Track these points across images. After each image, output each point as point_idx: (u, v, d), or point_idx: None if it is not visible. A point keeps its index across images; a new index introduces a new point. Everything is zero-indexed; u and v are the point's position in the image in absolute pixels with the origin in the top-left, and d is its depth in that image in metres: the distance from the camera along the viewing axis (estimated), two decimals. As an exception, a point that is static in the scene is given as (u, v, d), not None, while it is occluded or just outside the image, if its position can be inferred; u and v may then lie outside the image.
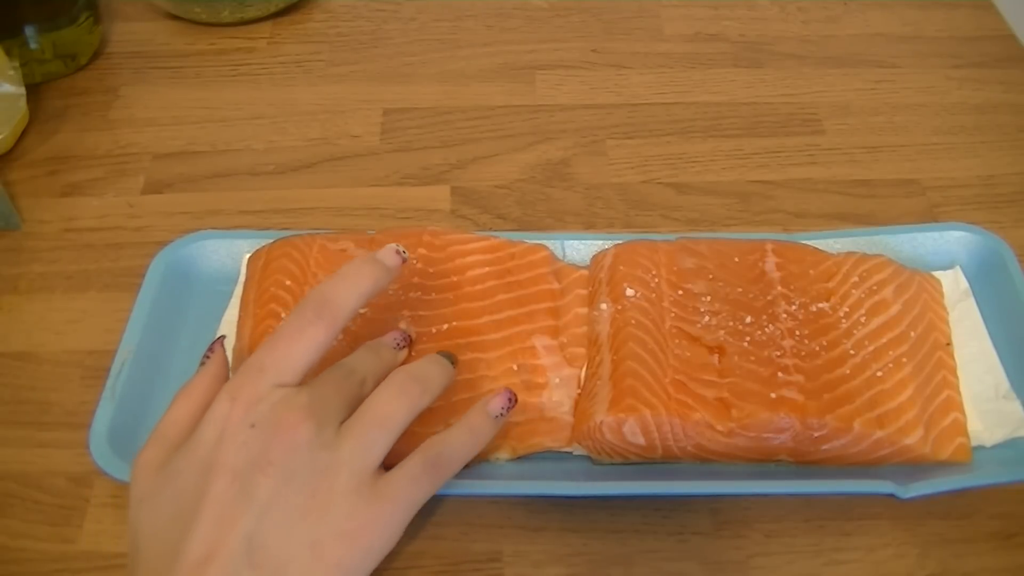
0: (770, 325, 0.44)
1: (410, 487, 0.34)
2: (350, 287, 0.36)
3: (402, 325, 0.42)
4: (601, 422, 0.40)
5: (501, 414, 0.37)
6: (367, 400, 0.35)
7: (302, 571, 0.32)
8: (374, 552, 0.33)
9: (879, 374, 0.42)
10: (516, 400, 0.38)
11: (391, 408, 0.35)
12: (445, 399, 0.41)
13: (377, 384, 0.36)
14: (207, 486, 0.32)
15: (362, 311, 0.44)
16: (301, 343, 0.35)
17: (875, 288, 0.45)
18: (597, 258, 0.48)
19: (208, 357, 0.38)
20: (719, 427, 0.40)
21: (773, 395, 0.41)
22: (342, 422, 0.34)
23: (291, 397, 0.34)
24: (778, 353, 0.42)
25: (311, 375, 0.35)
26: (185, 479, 0.33)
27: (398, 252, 0.38)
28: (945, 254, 0.49)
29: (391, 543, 0.34)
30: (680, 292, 0.45)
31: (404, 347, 0.41)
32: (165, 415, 0.36)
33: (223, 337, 0.39)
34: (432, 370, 0.37)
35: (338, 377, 0.36)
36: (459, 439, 0.36)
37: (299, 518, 0.32)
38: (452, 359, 0.40)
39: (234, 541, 0.31)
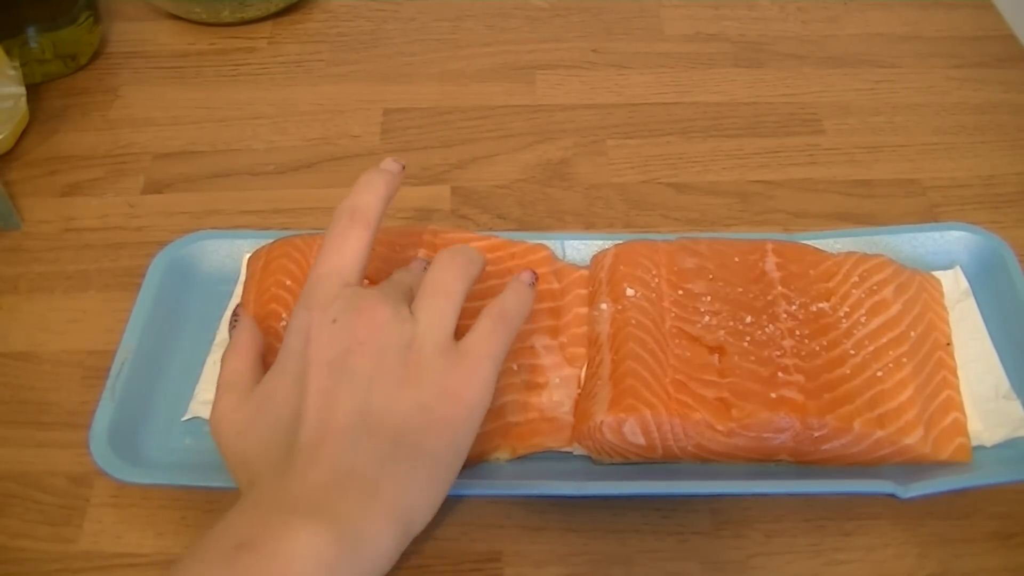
0: (770, 325, 0.44)
1: (488, 341, 0.36)
2: (370, 191, 0.39)
3: (421, 253, 0.44)
4: (601, 422, 0.40)
5: (532, 282, 0.39)
6: (424, 279, 0.37)
7: (418, 430, 0.33)
8: (476, 407, 0.35)
9: (879, 374, 0.42)
10: (538, 277, 0.40)
11: (449, 276, 0.37)
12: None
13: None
14: (306, 384, 0.34)
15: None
16: (347, 246, 0.37)
17: (875, 288, 0.45)
18: (597, 258, 0.48)
19: (236, 318, 0.39)
20: (719, 427, 0.40)
21: (773, 395, 0.41)
22: (411, 304, 0.37)
23: (361, 291, 0.36)
24: (778, 353, 0.42)
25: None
26: (282, 391, 0.35)
27: (395, 161, 0.41)
28: (945, 254, 0.49)
29: (487, 397, 0.35)
30: (680, 292, 0.45)
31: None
32: (221, 370, 0.37)
33: (239, 305, 0.41)
34: (468, 249, 0.39)
35: (396, 276, 0.40)
36: (512, 295, 0.38)
37: (401, 385, 0.34)
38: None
39: (345, 417, 0.33)
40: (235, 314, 0.40)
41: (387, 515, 0.31)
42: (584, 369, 0.44)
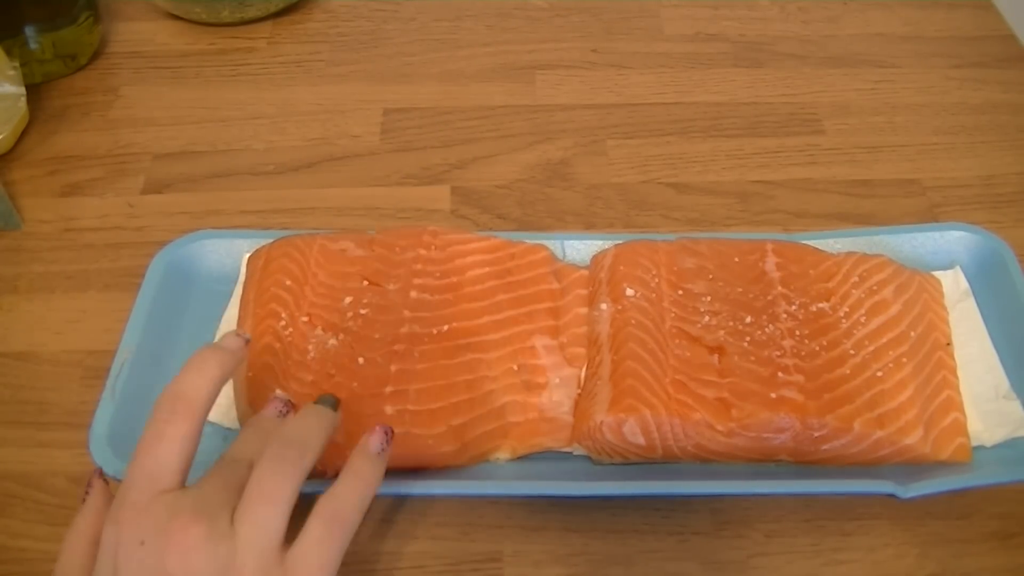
0: (770, 325, 0.44)
1: (318, 551, 0.32)
2: (197, 376, 0.34)
3: (279, 392, 0.39)
4: (601, 422, 0.40)
5: (382, 449, 0.36)
6: (249, 481, 0.33)
7: None
8: None
9: (879, 374, 0.42)
10: (392, 433, 0.37)
11: (274, 482, 0.33)
12: (445, 400, 0.41)
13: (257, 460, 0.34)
14: None
15: (362, 311, 0.44)
16: (164, 443, 0.33)
17: (875, 288, 0.45)
18: (597, 258, 0.48)
19: (88, 492, 0.35)
20: (719, 427, 0.40)
21: (773, 395, 0.41)
22: (234, 510, 0.32)
23: (173, 502, 0.32)
24: (778, 353, 0.42)
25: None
26: None
27: (239, 335, 0.37)
28: (945, 254, 0.49)
29: None
30: (680, 292, 0.45)
31: (286, 414, 0.38)
32: (57, 562, 0.34)
33: (100, 469, 0.36)
34: (307, 424, 0.35)
35: (222, 468, 0.34)
36: (349, 488, 0.34)
37: None
38: (334, 403, 0.37)
39: None
40: (89, 483, 0.35)
41: None
42: (584, 369, 0.44)
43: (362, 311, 0.44)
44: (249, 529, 0.31)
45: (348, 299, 0.45)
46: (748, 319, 0.44)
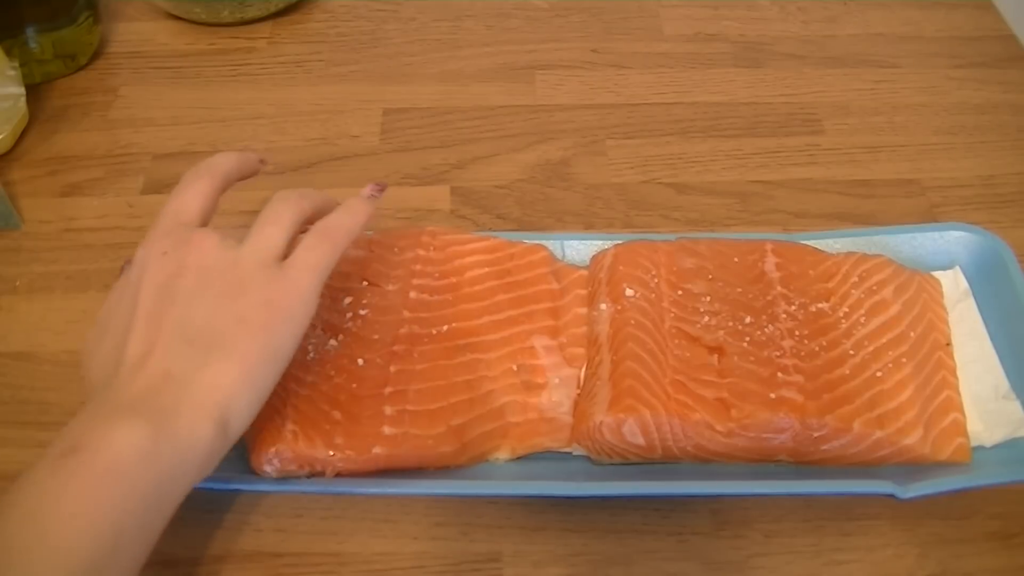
0: (770, 325, 0.44)
1: (310, 254, 0.38)
2: (227, 157, 0.42)
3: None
4: (601, 422, 0.40)
5: (373, 195, 0.42)
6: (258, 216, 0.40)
7: (234, 338, 0.35)
8: (295, 317, 0.37)
9: (879, 374, 0.42)
10: (385, 187, 0.43)
11: (279, 208, 0.39)
12: (445, 400, 0.41)
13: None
14: (136, 307, 0.36)
15: (362, 312, 0.44)
16: (190, 191, 0.40)
17: (875, 288, 0.45)
18: (597, 258, 0.48)
19: (128, 262, 0.40)
20: (719, 427, 0.40)
21: (773, 395, 0.41)
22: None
23: (194, 227, 0.39)
24: (778, 353, 0.42)
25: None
26: (116, 317, 0.37)
27: (260, 159, 0.45)
28: (945, 254, 0.49)
29: (307, 305, 0.37)
30: (680, 292, 0.45)
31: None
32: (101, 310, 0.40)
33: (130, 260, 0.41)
34: (306, 189, 0.41)
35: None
36: (339, 215, 0.40)
37: (221, 298, 0.36)
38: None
39: (168, 329, 0.35)
40: (127, 260, 0.41)
41: (200, 410, 0.34)
42: (583, 369, 0.44)
43: (361, 312, 0.44)
44: (254, 240, 0.38)
45: (348, 299, 0.45)
46: (748, 319, 0.44)
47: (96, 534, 0.30)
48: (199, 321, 0.35)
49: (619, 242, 0.48)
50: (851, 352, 0.43)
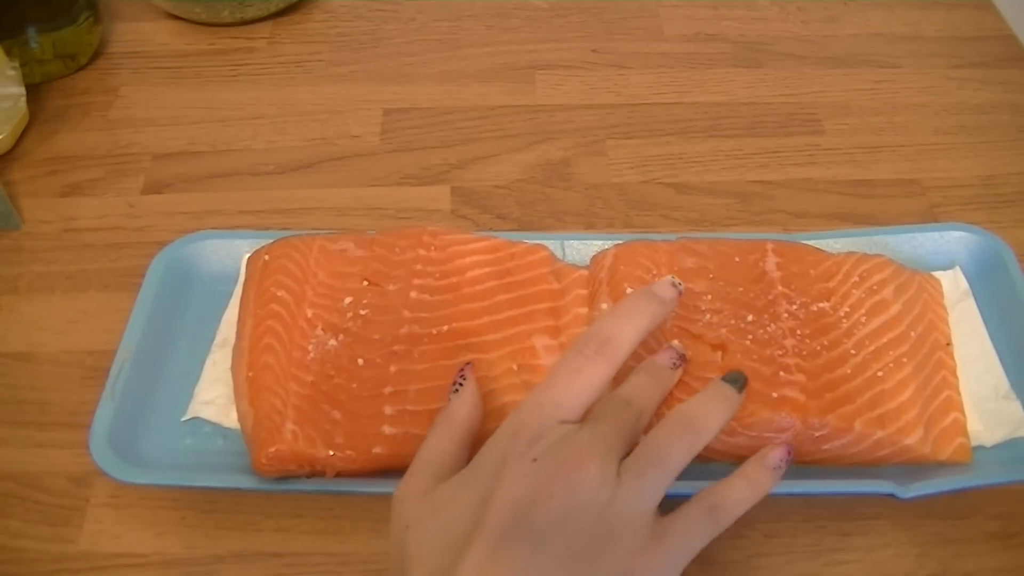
0: (771, 324, 0.44)
1: (687, 534, 0.33)
2: (627, 325, 0.36)
3: (675, 343, 0.40)
4: (601, 422, 0.40)
5: (779, 467, 0.36)
6: (646, 439, 0.35)
7: None
8: None
9: (880, 374, 0.42)
10: (792, 455, 0.37)
11: (670, 450, 0.34)
12: (444, 400, 0.41)
13: (652, 412, 0.37)
14: (484, 515, 0.32)
15: (362, 312, 0.44)
16: (581, 380, 0.35)
17: (875, 288, 0.45)
18: (597, 258, 0.48)
19: (461, 384, 0.38)
20: (719, 427, 0.40)
21: (775, 394, 0.41)
22: (621, 460, 0.34)
23: (573, 434, 0.33)
24: (780, 352, 0.42)
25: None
26: (460, 508, 0.33)
27: (673, 285, 0.39)
28: (945, 254, 0.49)
29: None
30: (680, 292, 0.45)
31: (679, 366, 0.40)
32: (425, 443, 0.36)
33: (470, 363, 0.39)
34: (712, 406, 0.36)
35: (616, 410, 0.35)
36: (736, 489, 0.35)
37: (576, 555, 0.31)
38: (742, 383, 0.38)
39: (508, 567, 0.30)
40: (461, 373, 0.38)
41: None
42: (584, 369, 0.44)
43: (362, 311, 0.44)
44: (634, 485, 0.33)
45: (348, 299, 0.45)
46: (749, 318, 0.44)
47: None
48: (544, 572, 0.31)
49: (619, 242, 0.48)
50: (852, 352, 0.43)
